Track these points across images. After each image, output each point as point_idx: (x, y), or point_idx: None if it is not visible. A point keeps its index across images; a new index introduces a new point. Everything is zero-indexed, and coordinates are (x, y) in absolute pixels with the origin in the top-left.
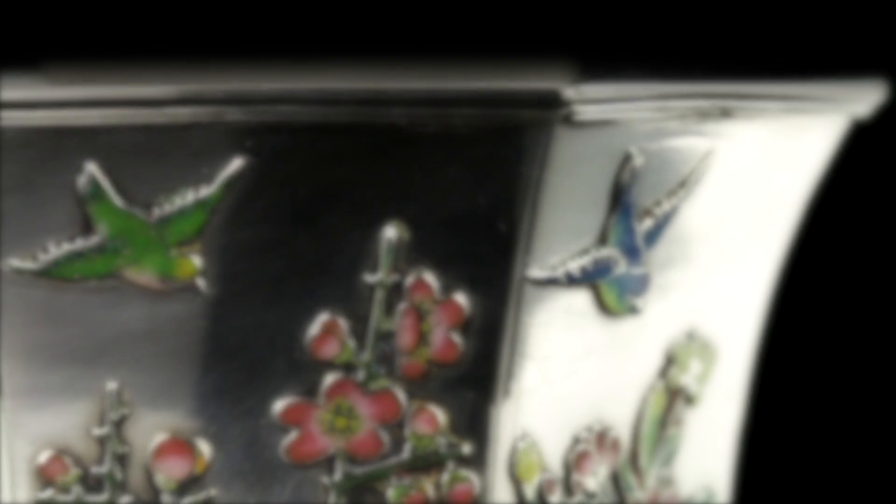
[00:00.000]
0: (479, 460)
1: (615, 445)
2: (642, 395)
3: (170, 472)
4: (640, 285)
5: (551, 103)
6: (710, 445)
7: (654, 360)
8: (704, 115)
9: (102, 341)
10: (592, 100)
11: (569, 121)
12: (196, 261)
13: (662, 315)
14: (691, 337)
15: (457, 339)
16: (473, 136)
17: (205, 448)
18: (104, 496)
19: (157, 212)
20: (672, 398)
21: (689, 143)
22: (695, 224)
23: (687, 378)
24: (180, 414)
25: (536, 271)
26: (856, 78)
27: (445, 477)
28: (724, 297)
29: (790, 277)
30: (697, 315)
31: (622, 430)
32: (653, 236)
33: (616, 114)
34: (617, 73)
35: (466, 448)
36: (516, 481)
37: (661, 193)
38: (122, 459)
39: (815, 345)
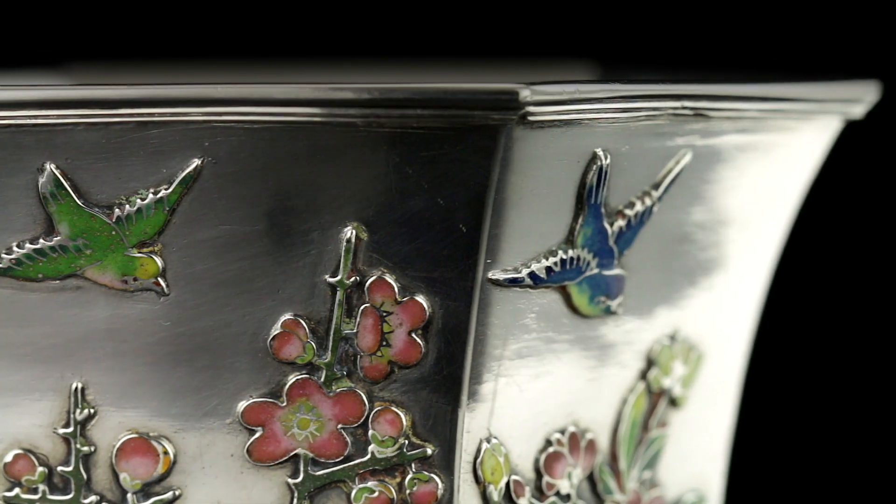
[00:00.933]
0: (442, 462)
1: (591, 448)
2: (621, 397)
3: (134, 472)
4: (614, 287)
5: (507, 104)
6: (700, 448)
7: (633, 362)
8: (676, 117)
9: (67, 341)
10: (550, 101)
11: (525, 122)
12: (157, 261)
13: (642, 317)
14: (674, 339)
15: (418, 340)
16: (430, 137)
17: (169, 448)
18: (70, 495)
19: (117, 212)
20: (655, 400)
21: (663, 144)
22: (675, 225)
23: (670, 380)
24: (145, 414)
25: (499, 273)
26: (846, 79)
27: (409, 478)
28: (711, 299)
29: (784, 278)
30: (681, 317)
31: (600, 432)
32: (627, 238)
33: (576, 115)
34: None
35: (429, 450)
36: (481, 483)
37: (634, 194)
38: (87, 459)
39: (809, 345)
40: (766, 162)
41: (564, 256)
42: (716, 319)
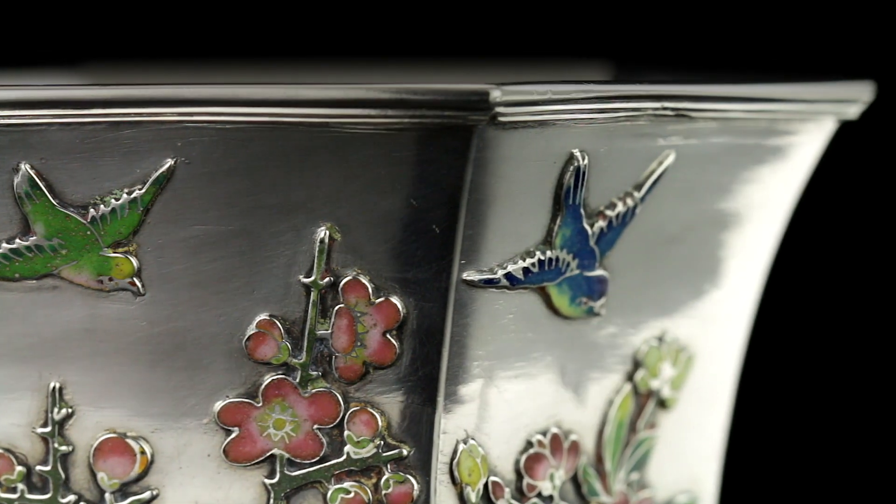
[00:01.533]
0: (418, 463)
1: (575, 449)
2: (607, 398)
3: (112, 472)
4: (596, 288)
5: (477, 105)
6: (692, 449)
7: (619, 364)
8: (657, 118)
9: (44, 340)
10: (521, 101)
11: (497, 122)
12: (133, 261)
13: (627, 318)
14: (663, 341)
15: (393, 340)
16: (401, 138)
17: (146, 447)
18: (48, 495)
19: (92, 212)
20: (642, 402)
21: (644, 144)
22: (662, 226)
23: (659, 382)
24: (122, 413)
25: (474, 273)
26: (838, 80)
27: (384, 479)
28: (702, 301)
29: (780, 279)
30: (670, 319)
31: (584, 433)
32: (609, 239)
33: (551, 115)
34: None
35: (405, 450)
36: (458, 484)
37: (615, 195)
38: (65, 458)
39: (805, 346)
40: (758, 163)
41: (542, 257)
42: (707, 321)
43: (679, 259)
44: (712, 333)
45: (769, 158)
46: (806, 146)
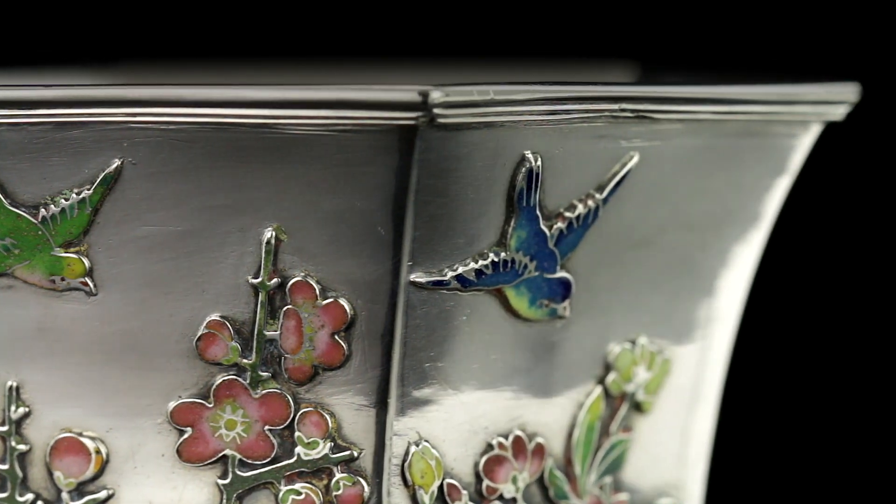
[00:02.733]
0: (369, 465)
1: (540, 452)
2: (576, 401)
3: (68, 471)
4: (558, 290)
5: (417, 106)
6: (673, 453)
7: (588, 367)
8: (615, 119)
9: (1, 339)
10: (463, 103)
11: (439, 124)
12: (84, 261)
13: (596, 321)
14: (636, 344)
15: (341, 342)
16: (344, 139)
17: (101, 447)
18: (6, 493)
19: (42, 212)
20: (615, 405)
21: (605, 146)
22: (632, 228)
23: (633, 385)
24: (78, 413)
25: (422, 275)
26: (812, 81)
27: (335, 481)
28: (678, 304)
29: (767, 282)
30: (644, 322)
31: (551, 436)
32: (570, 241)
33: (497, 117)
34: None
35: (356, 452)
36: (410, 487)
37: (575, 196)
38: (22, 457)
39: (795, 349)
40: (735, 166)
41: (496, 259)
42: (686, 325)
43: (652, 262)
44: (692, 337)
45: (747, 160)
46: (788, 148)
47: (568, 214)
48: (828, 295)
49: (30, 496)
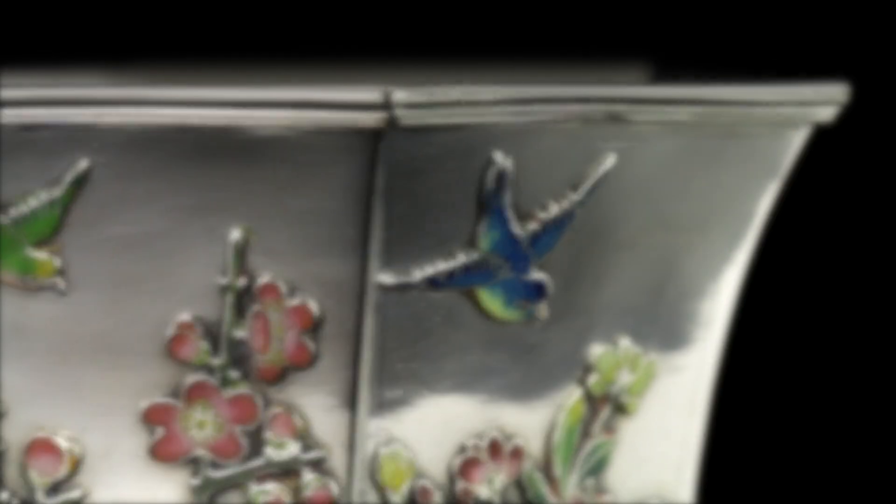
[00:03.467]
0: (339, 466)
1: (517, 454)
2: (556, 402)
3: (42, 470)
4: (534, 291)
5: (379, 107)
6: (660, 456)
7: (568, 368)
8: (588, 120)
9: None
10: (426, 104)
11: (403, 125)
12: (55, 261)
13: (575, 322)
14: (618, 345)
15: (309, 343)
16: (309, 140)
17: (75, 447)
18: None
19: (13, 211)
20: (597, 406)
21: (579, 146)
22: (613, 229)
23: (616, 387)
24: (53, 413)
25: (390, 276)
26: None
27: (305, 482)
28: (663, 306)
29: (759, 285)
30: (627, 323)
31: (530, 437)
32: (545, 241)
33: (463, 118)
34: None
35: (325, 453)
36: (380, 488)
37: (547, 197)
38: None
39: (788, 352)
40: (718, 167)
41: (466, 260)
42: (672, 326)
43: (636, 263)
44: (678, 339)
45: (732, 162)
46: (775, 150)
47: (542, 215)
48: (826, 297)
49: (5, 495)
